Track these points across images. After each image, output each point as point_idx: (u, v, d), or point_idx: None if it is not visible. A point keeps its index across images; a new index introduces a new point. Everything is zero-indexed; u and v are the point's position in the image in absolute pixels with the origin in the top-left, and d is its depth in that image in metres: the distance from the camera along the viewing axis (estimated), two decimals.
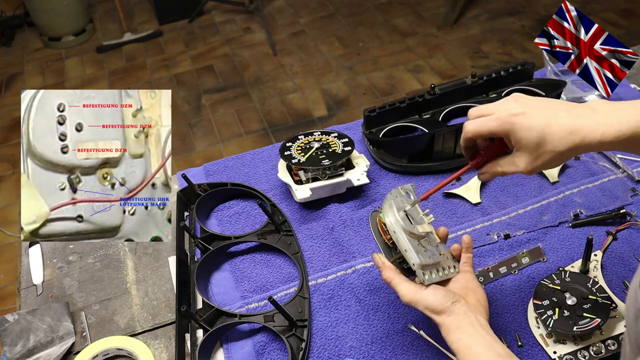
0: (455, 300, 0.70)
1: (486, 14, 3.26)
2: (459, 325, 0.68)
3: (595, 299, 0.79)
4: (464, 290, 0.74)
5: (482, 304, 0.73)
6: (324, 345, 0.84)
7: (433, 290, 0.70)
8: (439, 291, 0.70)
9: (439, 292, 0.70)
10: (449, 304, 0.69)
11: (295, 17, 3.42)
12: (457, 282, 0.75)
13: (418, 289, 0.71)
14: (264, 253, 0.99)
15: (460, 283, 0.75)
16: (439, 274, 0.74)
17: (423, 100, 1.17)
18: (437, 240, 0.79)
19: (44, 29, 3.34)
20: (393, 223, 0.72)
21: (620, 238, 0.94)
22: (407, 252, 0.70)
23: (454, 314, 0.69)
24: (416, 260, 0.70)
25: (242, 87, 2.91)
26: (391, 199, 0.75)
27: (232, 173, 1.14)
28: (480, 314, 0.70)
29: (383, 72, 2.91)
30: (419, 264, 0.70)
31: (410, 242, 0.71)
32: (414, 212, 0.78)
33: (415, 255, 0.70)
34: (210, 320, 0.85)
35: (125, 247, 1.03)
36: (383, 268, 0.74)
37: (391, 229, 0.72)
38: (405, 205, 0.76)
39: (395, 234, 0.71)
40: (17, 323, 0.86)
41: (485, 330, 0.68)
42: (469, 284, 0.75)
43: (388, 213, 0.72)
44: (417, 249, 0.71)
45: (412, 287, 0.71)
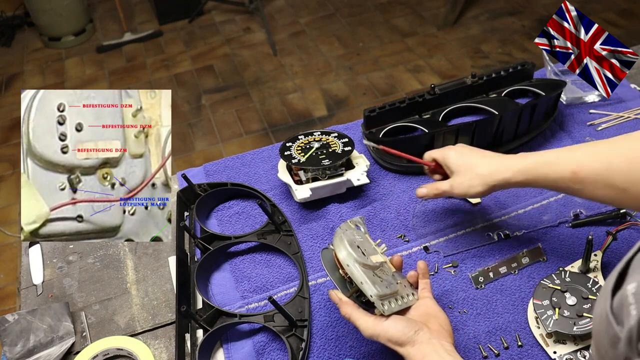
0: (417, 329, 0.69)
1: (486, 14, 3.26)
2: (425, 354, 0.67)
3: (595, 299, 0.79)
4: (425, 317, 0.73)
5: (445, 328, 0.72)
6: (324, 345, 0.84)
7: (394, 322, 0.70)
8: (399, 322, 0.70)
9: (400, 322, 0.70)
10: (411, 334, 0.69)
11: (295, 17, 3.42)
12: (418, 310, 0.75)
13: (378, 322, 0.70)
14: (264, 253, 0.99)
15: (421, 310, 0.75)
16: (398, 303, 0.73)
17: (423, 100, 1.17)
18: (392, 270, 0.79)
19: (44, 29, 3.34)
20: (345, 257, 0.71)
21: (620, 238, 0.94)
22: (363, 284, 0.70)
23: (417, 343, 0.68)
24: (373, 291, 0.69)
25: (242, 87, 2.91)
26: (341, 232, 0.74)
27: (232, 173, 1.14)
28: (445, 339, 0.70)
29: (383, 72, 2.91)
30: (376, 294, 0.69)
31: (365, 273, 0.70)
32: (366, 244, 0.78)
33: (371, 287, 0.69)
34: (210, 320, 0.85)
35: (125, 247, 1.03)
36: (340, 304, 0.74)
37: (344, 263, 0.71)
38: (356, 237, 0.76)
39: (349, 267, 0.71)
40: (17, 323, 0.86)
41: (451, 356, 0.67)
42: (430, 309, 0.74)
43: (340, 247, 0.72)
44: (372, 279, 0.71)
45: (371, 320, 0.70)
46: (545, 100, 1.10)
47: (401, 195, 1.06)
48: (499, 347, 0.82)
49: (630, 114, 1.18)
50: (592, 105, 1.22)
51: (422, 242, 0.97)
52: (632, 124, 1.16)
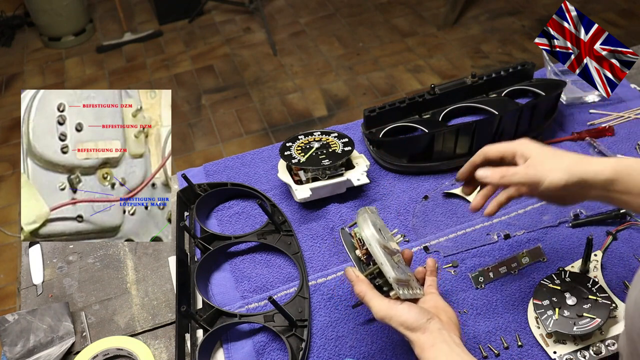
0: (429, 317, 0.69)
1: (486, 14, 3.26)
2: (434, 343, 0.67)
3: (595, 299, 0.79)
4: (434, 309, 0.73)
5: (453, 322, 0.72)
6: (324, 345, 0.84)
7: (408, 307, 0.69)
8: (413, 308, 0.69)
9: (414, 308, 0.69)
10: (423, 321, 0.68)
11: (295, 17, 3.42)
12: (426, 303, 0.75)
13: (392, 305, 0.70)
14: (264, 253, 0.99)
15: (429, 304, 0.74)
16: (410, 292, 0.73)
17: (423, 100, 1.17)
18: (403, 262, 0.80)
19: (44, 29, 3.34)
20: (369, 236, 0.72)
21: (620, 238, 0.94)
22: (383, 265, 0.70)
23: (428, 331, 0.68)
24: (392, 273, 0.70)
25: (242, 87, 2.91)
26: (364, 212, 0.75)
27: (232, 173, 1.14)
28: (454, 332, 0.70)
29: (383, 72, 2.91)
30: (395, 277, 0.70)
31: (385, 256, 0.71)
32: (384, 230, 0.79)
33: (391, 269, 0.70)
34: (210, 320, 0.85)
35: (125, 247, 1.03)
36: (356, 281, 0.73)
37: (367, 242, 0.71)
38: (377, 221, 0.76)
39: (371, 246, 0.71)
40: (17, 323, 0.86)
41: (460, 348, 0.67)
42: (438, 304, 0.74)
43: (363, 225, 0.72)
44: (391, 263, 0.71)
45: (385, 302, 0.70)
46: (545, 100, 1.10)
47: (401, 195, 1.06)
48: (499, 347, 0.82)
49: (630, 114, 1.18)
50: (592, 105, 1.22)
51: (422, 242, 0.97)
52: (632, 124, 1.16)
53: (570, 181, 0.70)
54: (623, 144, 1.11)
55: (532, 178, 0.71)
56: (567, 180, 0.70)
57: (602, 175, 0.69)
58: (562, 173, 0.70)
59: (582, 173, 0.70)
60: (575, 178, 0.70)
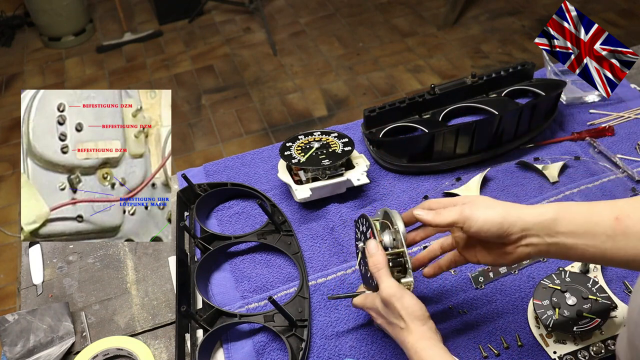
0: (428, 316, 0.71)
1: (486, 14, 3.26)
2: (430, 337, 0.69)
3: (595, 299, 0.79)
4: None
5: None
6: (324, 345, 0.84)
7: (415, 298, 0.72)
8: (420, 301, 0.72)
9: (420, 302, 0.72)
10: (427, 315, 0.71)
11: (295, 17, 3.42)
12: None
13: (402, 288, 0.72)
14: (264, 253, 0.99)
15: None
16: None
17: (423, 100, 1.17)
18: None
19: (44, 29, 3.34)
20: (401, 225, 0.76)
21: None
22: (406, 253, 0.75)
23: (427, 326, 0.70)
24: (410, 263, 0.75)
25: (242, 87, 2.91)
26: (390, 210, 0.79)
27: (232, 173, 1.14)
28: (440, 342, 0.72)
29: (383, 72, 2.91)
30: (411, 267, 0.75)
31: None
32: None
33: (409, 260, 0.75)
34: (210, 320, 0.85)
35: (125, 247, 1.03)
36: (377, 253, 0.73)
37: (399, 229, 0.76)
38: None
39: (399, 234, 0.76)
40: (17, 323, 0.86)
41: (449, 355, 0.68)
42: None
43: (396, 216, 0.77)
44: None
45: (396, 283, 0.72)
46: (545, 100, 1.10)
47: (401, 195, 1.06)
48: (499, 347, 0.82)
49: (630, 114, 1.18)
50: (592, 105, 1.22)
51: (422, 242, 0.97)
52: (632, 124, 1.16)
53: (508, 220, 0.66)
54: (623, 144, 1.11)
55: (467, 216, 0.68)
56: (503, 217, 0.66)
57: (544, 216, 0.66)
58: (500, 209, 0.67)
59: (520, 213, 0.67)
60: (513, 217, 0.66)
